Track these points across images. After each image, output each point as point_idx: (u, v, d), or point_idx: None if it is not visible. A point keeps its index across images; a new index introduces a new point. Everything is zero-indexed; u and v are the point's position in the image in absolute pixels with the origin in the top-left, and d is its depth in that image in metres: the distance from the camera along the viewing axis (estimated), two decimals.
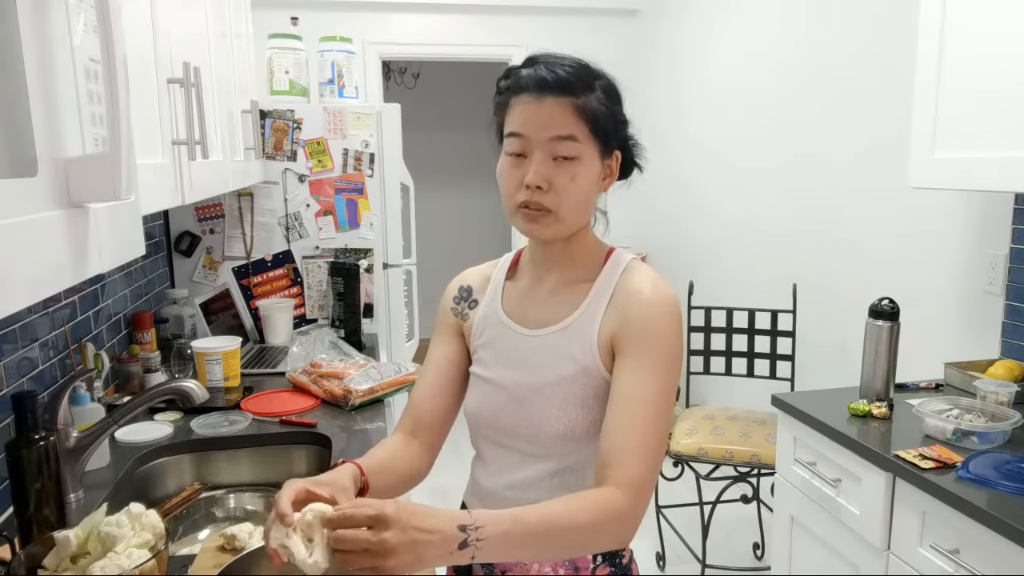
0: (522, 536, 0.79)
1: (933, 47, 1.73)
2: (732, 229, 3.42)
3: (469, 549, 0.76)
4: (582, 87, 0.95)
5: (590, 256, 1.04)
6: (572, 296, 1.02)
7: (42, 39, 0.60)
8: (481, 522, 0.77)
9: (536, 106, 0.94)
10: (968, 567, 1.36)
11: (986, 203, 2.02)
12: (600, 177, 0.99)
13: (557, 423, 0.97)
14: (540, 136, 0.94)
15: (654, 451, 0.91)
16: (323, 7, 3.96)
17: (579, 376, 0.97)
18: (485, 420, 1.05)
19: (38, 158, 0.58)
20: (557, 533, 0.81)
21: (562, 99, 0.94)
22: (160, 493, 1.62)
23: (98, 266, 0.71)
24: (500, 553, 0.79)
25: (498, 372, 1.04)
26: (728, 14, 3.38)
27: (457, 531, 0.76)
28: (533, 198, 0.95)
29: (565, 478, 0.99)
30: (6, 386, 1.40)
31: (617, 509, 0.85)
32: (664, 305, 0.96)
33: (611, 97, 0.99)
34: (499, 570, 1.03)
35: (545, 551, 0.86)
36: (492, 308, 1.08)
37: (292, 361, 2.22)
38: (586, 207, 0.99)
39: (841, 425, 1.72)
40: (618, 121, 1.00)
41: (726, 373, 2.87)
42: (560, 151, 0.94)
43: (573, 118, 0.94)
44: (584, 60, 0.99)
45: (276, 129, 2.60)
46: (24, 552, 0.95)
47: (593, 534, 0.84)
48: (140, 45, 1.16)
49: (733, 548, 2.91)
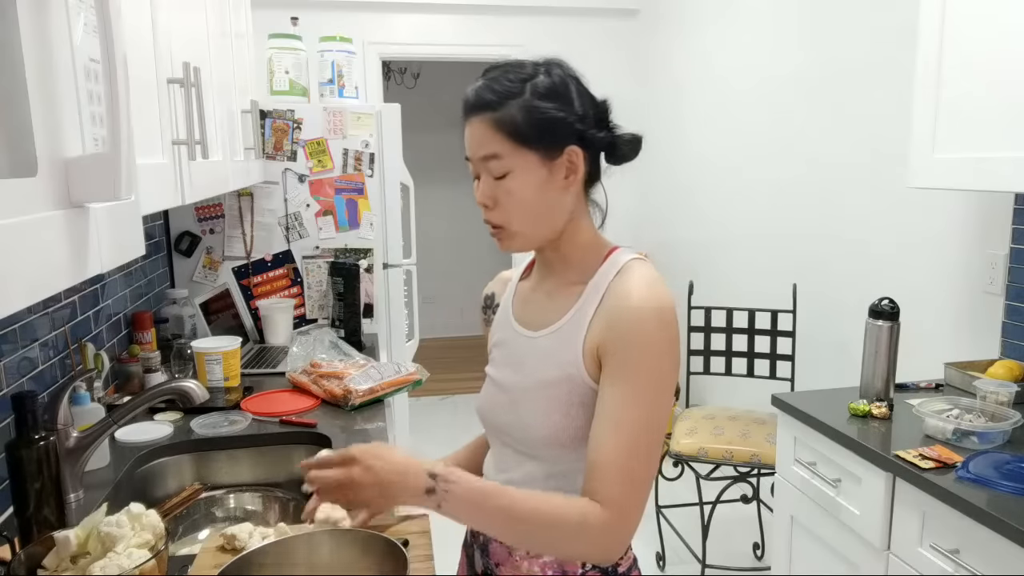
0: (488, 507, 0.87)
1: (933, 47, 1.73)
2: (732, 229, 3.42)
3: (436, 497, 0.85)
4: (503, 97, 0.92)
5: (585, 256, 1.00)
6: (566, 299, 0.99)
7: (42, 39, 0.60)
8: (454, 478, 0.86)
9: (469, 129, 0.96)
10: (968, 567, 1.36)
11: (986, 203, 2.02)
12: (548, 180, 0.94)
13: (542, 427, 0.96)
14: (475, 158, 0.96)
15: (637, 470, 0.88)
16: (323, 7, 3.96)
17: (563, 382, 0.95)
18: (487, 418, 1.06)
19: (38, 158, 0.58)
20: (519, 519, 0.86)
21: (483, 116, 0.93)
22: (160, 493, 1.62)
23: (98, 266, 0.71)
24: (464, 513, 0.87)
25: (502, 372, 1.04)
26: (728, 14, 3.38)
27: (426, 477, 0.86)
28: (485, 217, 0.97)
29: (558, 482, 0.97)
30: (6, 386, 1.40)
31: (588, 520, 0.85)
32: (653, 313, 0.90)
33: (545, 95, 0.93)
34: (493, 561, 1.04)
35: (505, 530, 0.90)
36: (505, 309, 1.09)
37: (292, 361, 2.22)
38: (542, 215, 0.96)
39: (841, 425, 1.72)
40: (551, 117, 0.93)
41: (726, 373, 2.87)
42: (491, 170, 0.94)
43: (492, 134, 0.93)
44: (524, 60, 0.97)
45: (276, 129, 2.60)
46: (24, 552, 0.95)
47: (555, 534, 0.86)
48: (140, 45, 1.16)
49: (733, 548, 2.91)
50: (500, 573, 1.02)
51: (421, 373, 2.02)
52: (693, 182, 3.79)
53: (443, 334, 6.12)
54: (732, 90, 3.36)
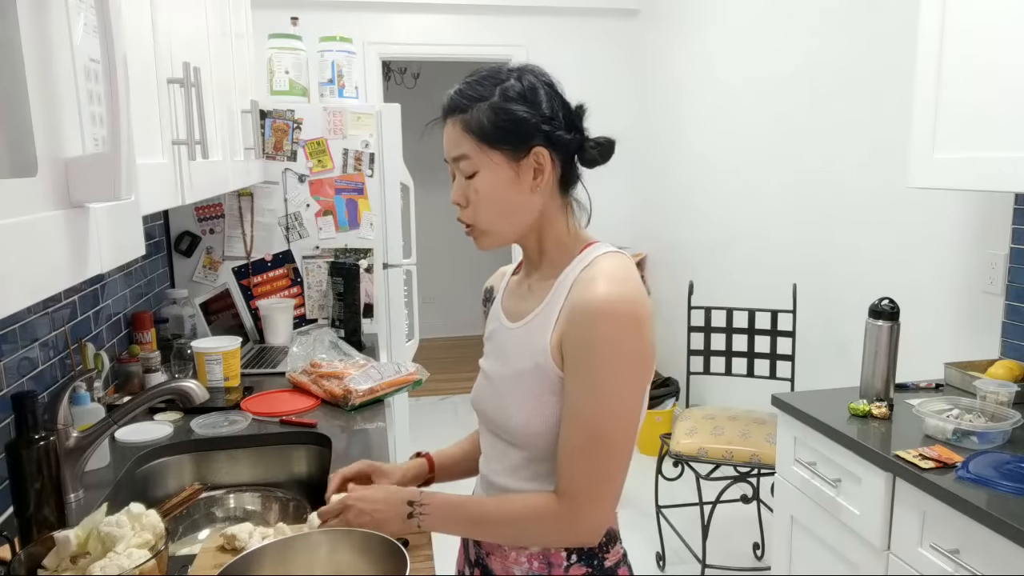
0: (460, 519, 1.01)
1: (933, 47, 1.73)
2: (732, 229, 3.42)
3: (414, 520, 1.00)
4: (473, 100, 0.97)
5: (563, 251, 1.03)
6: (542, 291, 1.03)
7: (42, 39, 0.60)
8: (427, 500, 1.01)
9: (444, 131, 1.01)
10: (968, 567, 1.36)
11: (986, 203, 2.02)
12: (515, 180, 0.98)
13: (518, 415, 1.00)
14: (449, 158, 1.01)
15: (595, 462, 0.93)
16: (323, 7, 3.96)
17: (535, 371, 0.98)
18: (479, 408, 1.11)
19: (38, 158, 0.58)
20: (489, 523, 1.00)
21: (455, 119, 0.98)
22: (160, 493, 1.62)
23: (98, 266, 0.71)
24: (443, 528, 1.01)
25: (490, 363, 1.09)
26: (728, 15, 3.38)
27: (405, 505, 1.01)
28: (458, 216, 1.02)
29: (539, 467, 1.01)
30: (6, 386, 1.40)
31: (547, 514, 0.96)
32: (619, 310, 0.91)
33: (513, 98, 0.97)
34: (484, 551, 1.09)
35: (480, 534, 1.04)
36: (497, 302, 1.14)
37: (292, 361, 2.22)
38: (509, 213, 0.99)
39: (841, 425, 1.72)
40: (517, 118, 0.96)
41: (726, 373, 2.87)
42: (462, 170, 0.99)
43: (461, 136, 0.98)
44: (502, 66, 1.01)
45: (276, 129, 2.60)
46: (24, 552, 0.95)
47: (518, 530, 0.99)
48: (140, 45, 1.16)
49: (733, 548, 2.91)
50: (490, 563, 1.08)
51: (421, 373, 2.02)
52: (693, 182, 3.79)
53: (443, 334, 6.11)
54: (732, 90, 3.36)
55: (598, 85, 4.34)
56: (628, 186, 4.40)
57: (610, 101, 4.35)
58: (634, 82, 4.39)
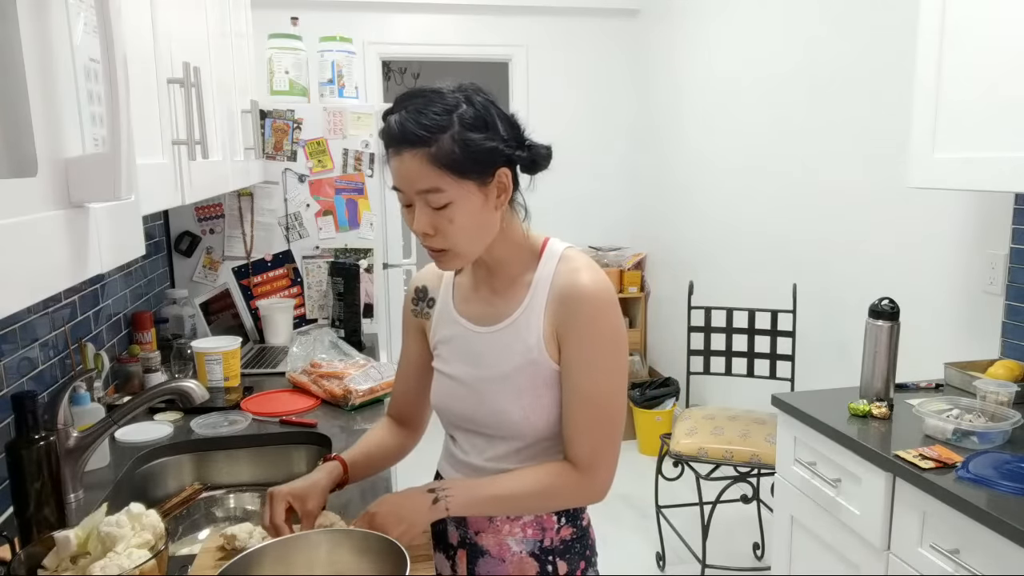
0: (484, 497, 1.05)
1: (933, 47, 1.73)
2: (732, 229, 3.42)
3: (441, 504, 1.02)
4: (434, 131, 0.95)
5: (522, 252, 1.09)
6: (515, 292, 1.08)
7: (42, 39, 0.60)
8: (448, 484, 1.04)
9: (399, 162, 0.97)
10: (968, 567, 1.36)
11: (986, 203, 2.02)
12: (484, 203, 1.00)
13: (515, 412, 1.06)
14: (411, 190, 0.98)
15: (604, 432, 1.04)
16: (323, 7, 3.96)
17: (527, 367, 1.05)
18: (451, 411, 1.14)
19: (38, 158, 0.58)
20: (511, 498, 1.06)
21: (416, 151, 0.95)
22: (160, 493, 1.62)
23: (98, 266, 0.71)
24: (468, 508, 1.04)
25: (457, 367, 1.13)
26: (728, 15, 3.38)
27: (427, 494, 1.02)
28: (425, 244, 1.02)
29: (533, 450, 1.10)
30: (6, 386, 1.40)
31: (565, 480, 1.05)
32: (603, 296, 1.03)
33: (473, 126, 0.97)
34: (472, 530, 1.14)
35: (504, 511, 1.09)
36: (446, 307, 1.16)
37: (292, 361, 2.22)
38: (482, 233, 1.03)
39: (841, 425, 1.72)
40: (485, 148, 0.97)
41: (726, 373, 2.87)
42: (431, 202, 0.98)
43: (430, 169, 0.95)
44: (441, 88, 0.99)
45: (276, 129, 2.60)
46: (24, 552, 0.95)
47: (544, 498, 1.06)
48: (140, 45, 1.16)
49: (733, 548, 2.91)
50: (480, 540, 1.13)
51: None
52: (693, 181, 3.79)
53: None
54: (732, 90, 3.36)
55: (598, 85, 4.34)
56: (628, 186, 4.39)
57: (610, 101, 4.36)
58: (634, 82, 4.38)
